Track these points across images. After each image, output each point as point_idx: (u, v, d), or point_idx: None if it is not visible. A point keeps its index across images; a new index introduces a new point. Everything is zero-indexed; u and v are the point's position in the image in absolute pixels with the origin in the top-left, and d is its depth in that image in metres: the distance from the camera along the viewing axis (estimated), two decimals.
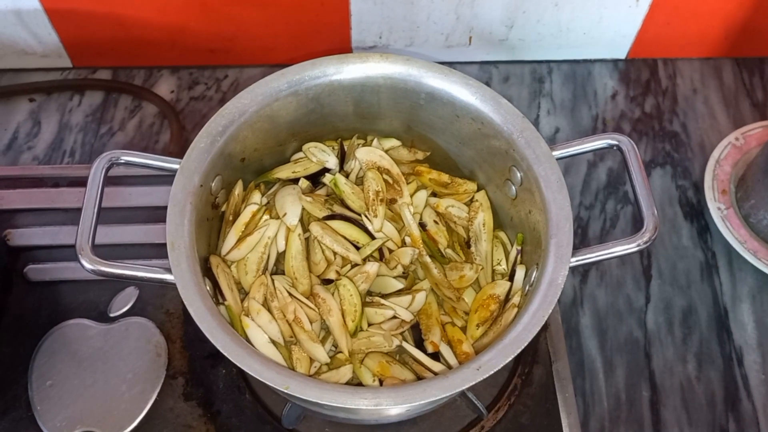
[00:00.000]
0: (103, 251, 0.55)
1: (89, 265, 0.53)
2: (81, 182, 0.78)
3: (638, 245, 0.55)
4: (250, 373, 0.50)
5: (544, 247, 0.55)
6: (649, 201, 0.56)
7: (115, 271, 0.53)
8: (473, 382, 0.50)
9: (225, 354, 0.50)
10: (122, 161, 0.56)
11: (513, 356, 0.51)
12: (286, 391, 0.50)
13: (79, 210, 0.53)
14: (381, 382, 0.57)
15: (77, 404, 0.67)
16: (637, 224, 0.86)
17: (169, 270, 0.52)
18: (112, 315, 0.73)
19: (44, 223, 0.79)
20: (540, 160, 0.57)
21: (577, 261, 0.54)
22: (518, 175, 0.60)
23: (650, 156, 0.92)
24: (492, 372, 0.50)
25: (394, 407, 0.51)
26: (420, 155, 0.68)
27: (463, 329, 0.61)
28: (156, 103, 0.94)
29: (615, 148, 0.58)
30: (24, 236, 0.77)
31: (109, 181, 0.84)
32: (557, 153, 0.58)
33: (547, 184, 0.57)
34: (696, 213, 0.89)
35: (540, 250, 0.56)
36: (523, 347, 0.51)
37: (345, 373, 0.57)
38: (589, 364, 0.78)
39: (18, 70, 0.98)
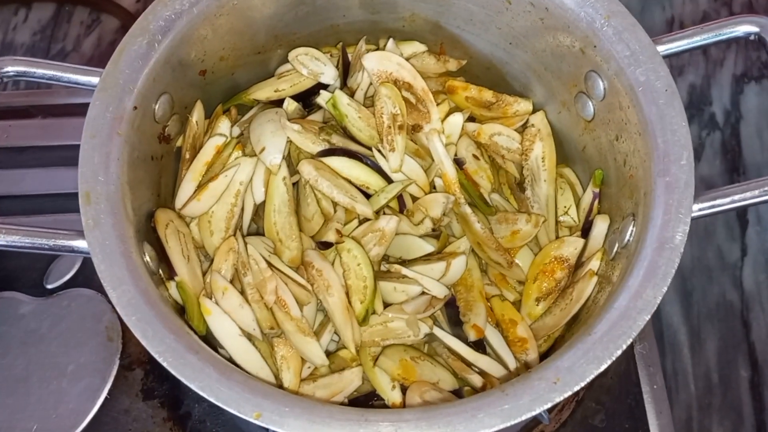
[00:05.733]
0: (30, 203, 0.52)
1: None
2: (23, 114, 0.75)
3: None
4: (201, 393, 0.38)
5: (647, 190, 0.46)
6: None
7: None
8: (549, 404, 0.38)
9: (164, 364, 0.39)
10: (11, 72, 0.46)
11: (610, 361, 0.39)
12: (257, 422, 0.37)
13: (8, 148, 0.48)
14: (404, 390, 0.49)
15: (6, 404, 0.61)
16: (728, 154, 0.81)
17: (81, 234, 0.42)
18: (49, 286, 0.66)
19: None
20: (638, 59, 0.48)
21: (701, 210, 0.43)
22: (600, 84, 0.52)
23: (741, 69, 0.87)
24: (578, 387, 0.38)
25: None
26: (453, 64, 0.63)
27: (517, 305, 0.56)
28: (118, 16, 0.89)
29: (754, 37, 0.47)
30: None
31: (50, 111, 0.77)
32: (666, 48, 0.49)
33: (649, 94, 0.47)
34: None
35: (637, 195, 0.47)
36: (624, 347, 0.39)
37: (351, 378, 0.49)
38: (670, 336, 0.73)
39: None
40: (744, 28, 0.47)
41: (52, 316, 0.65)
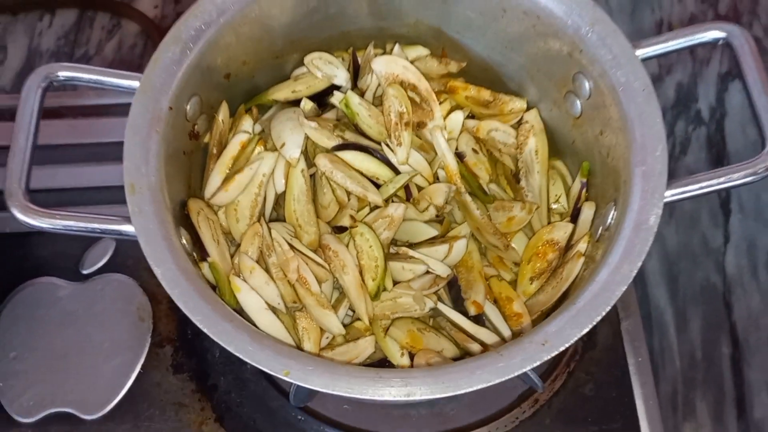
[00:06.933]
0: (69, 196, 0.54)
1: (21, 215, 0.44)
2: (50, 114, 0.75)
3: (756, 173, 0.46)
4: (238, 354, 0.42)
5: (626, 179, 0.49)
6: None
7: (55, 222, 0.45)
8: (538, 362, 0.42)
9: (204, 330, 0.42)
10: (62, 78, 0.49)
11: (591, 325, 0.43)
12: (286, 378, 0.41)
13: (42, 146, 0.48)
14: (411, 357, 0.52)
15: (47, 380, 0.64)
16: (713, 149, 0.82)
17: (129, 219, 0.45)
18: (85, 272, 0.68)
19: (3, 162, 0.72)
20: (618, 62, 0.51)
21: (674, 195, 0.46)
22: (586, 84, 0.54)
23: (726, 67, 0.87)
24: (563, 348, 0.42)
25: (430, 396, 0.42)
26: (454, 67, 0.64)
27: (513, 284, 0.58)
28: (138, 21, 0.89)
29: (722, 42, 0.50)
30: None
31: (79, 111, 0.79)
32: (643, 52, 0.51)
33: (628, 93, 0.50)
34: None
35: (618, 184, 0.50)
36: (603, 314, 0.43)
37: (365, 346, 0.52)
38: (657, 317, 0.74)
39: None
40: (712, 33, 0.50)
41: (88, 299, 0.67)
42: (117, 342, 0.65)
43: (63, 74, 0.49)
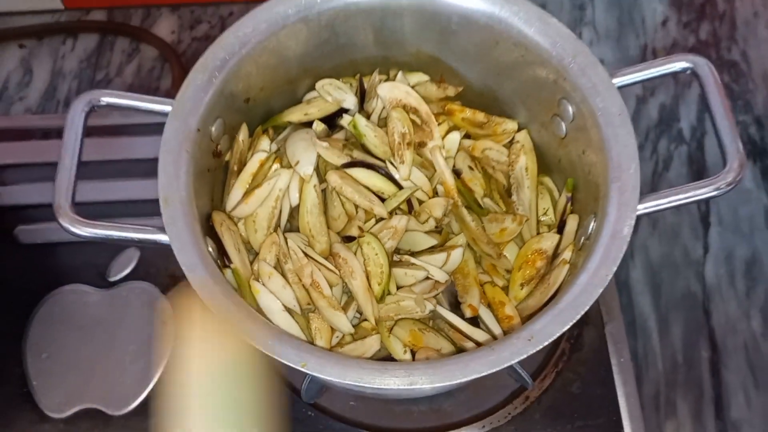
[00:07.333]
0: (99, 209, 0.54)
1: (69, 226, 0.48)
2: None
3: (718, 188, 0.49)
4: (260, 348, 0.45)
5: (604, 194, 0.51)
6: (734, 134, 0.49)
7: (100, 232, 0.48)
8: (525, 355, 0.45)
9: (230, 327, 0.46)
10: (104, 103, 0.52)
11: (571, 323, 0.45)
12: (303, 369, 0.45)
13: None
14: (413, 354, 0.54)
15: (76, 379, 0.65)
16: (693, 165, 0.83)
17: (163, 229, 0.49)
18: (111, 279, 0.70)
19: (34, 179, 0.75)
20: (597, 89, 0.53)
21: (645, 208, 0.49)
22: (569, 109, 0.56)
23: None
24: (547, 342, 0.45)
25: (430, 386, 0.45)
26: (451, 91, 0.65)
27: (505, 290, 0.58)
28: (155, 45, 0.91)
29: (689, 72, 0.53)
30: (13, 194, 0.74)
31: (105, 131, 0.81)
32: (619, 80, 0.53)
33: (606, 117, 0.52)
34: (759, 152, 0.84)
35: (598, 197, 0.52)
36: (582, 313, 0.46)
37: (371, 344, 0.54)
38: (641, 322, 0.75)
39: (6, 13, 0.93)
40: (680, 64, 0.52)
41: (114, 305, 0.69)
42: (142, 344, 0.66)
43: (104, 100, 0.52)
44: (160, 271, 0.70)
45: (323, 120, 0.63)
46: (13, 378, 0.65)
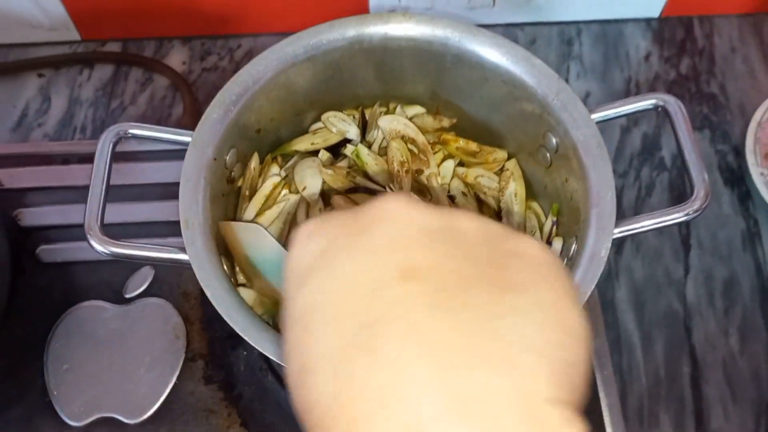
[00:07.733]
0: (116, 230, 0.54)
1: (99, 246, 0.51)
2: (92, 158, 0.83)
3: (687, 214, 0.52)
4: (272, 358, 0.48)
5: (584, 218, 0.53)
6: (700, 166, 0.53)
7: (126, 252, 0.51)
8: None
9: (246, 338, 0.49)
10: (130, 134, 0.55)
11: None
12: None
13: (82, 187, 0.52)
14: None
15: (95, 389, 0.67)
16: (674, 191, 0.86)
17: (183, 249, 0.51)
18: (127, 296, 0.72)
19: (55, 201, 0.78)
20: (578, 123, 0.55)
21: (621, 232, 0.51)
22: (553, 140, 0.58)
23: None
24: None
25: None
26: (446, 122, 0.66)
27: None
28: (168, 75, 0.94)
29: (660, 109, 0.56)
30: (35, 216, 0.76)
31: (121, 157, 0.85)
32: (596, 116, 0.55)
33: (585, 149, 0.54)
34: (736, 179, 0.86)
35: (579, 222, 0.54)
36: None
37: None
38: (625, 339, 0.77)
39: (26, 44, 0.96)
40: (651, 102, 0.55)
41: (130, 320, 0.70)
42: (155, 357, 0.68)
43: (131, 131, 0.55)
44: (173, 288, 0.72)
45: (328, 149, 0.64)
46: (36, 389, 0.67)
